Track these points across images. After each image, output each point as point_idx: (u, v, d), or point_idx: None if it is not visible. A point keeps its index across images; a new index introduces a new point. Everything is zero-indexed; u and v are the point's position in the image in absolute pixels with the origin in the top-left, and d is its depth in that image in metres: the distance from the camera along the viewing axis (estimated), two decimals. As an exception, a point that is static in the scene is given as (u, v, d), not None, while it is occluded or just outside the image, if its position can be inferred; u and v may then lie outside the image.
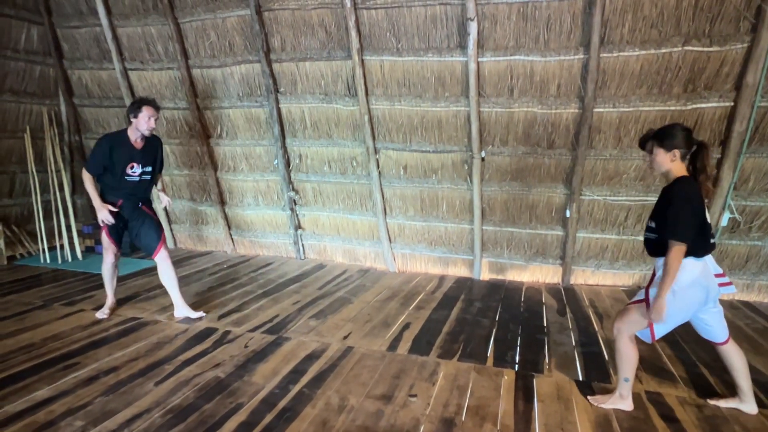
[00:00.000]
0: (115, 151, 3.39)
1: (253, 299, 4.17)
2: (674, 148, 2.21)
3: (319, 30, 4.42)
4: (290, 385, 2.72)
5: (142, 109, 3.35)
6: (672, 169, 2.26)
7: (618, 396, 2.51)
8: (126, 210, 3.55)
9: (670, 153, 2.23)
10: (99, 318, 3.66)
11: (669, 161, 2.24)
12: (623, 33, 3.70)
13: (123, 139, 3.45)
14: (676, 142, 2.21)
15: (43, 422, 2.32)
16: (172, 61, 5.03)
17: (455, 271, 5.03)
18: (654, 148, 2.28)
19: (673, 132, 2.23)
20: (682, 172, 2.26)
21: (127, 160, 3.43)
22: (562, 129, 4.16)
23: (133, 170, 3.47)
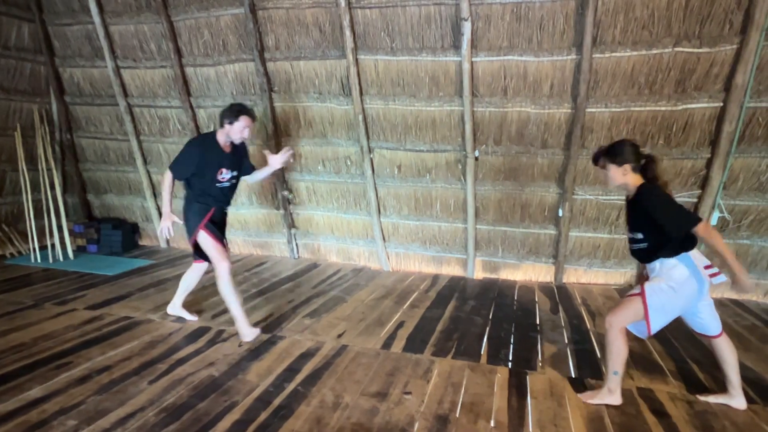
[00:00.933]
0: (205, 155, 3.21)
1: (247, 298, 4.15)
2: (625, 163, 2.36)
3: (314, 29, 4.42)
4: (285, 383, 2.72)
5: (240, 118, 3.17)
6: (628, 182, 2.40)
7: (606, 390, 2.54)
8: (216, 217, 3.39)
9: (622, 168, 2.37)
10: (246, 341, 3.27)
11: (621, 175, 2.39)
12: (615, 34, 3.74)
13: (213, 142, 3.27)
14: (626, 157, 2.36)
15: (36, 421, 2.30)
16: (165, 60, 5.00)
17: (449, 270, 5.05)
18: (606, 164, 2.42)
19: (623, 148, 2.38)
20: (639, 181, 2.38)
21: (217, 165, 3.26)
22: (554, 129, 4.19)
23: (223, 176, 3.31)
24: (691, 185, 4.08)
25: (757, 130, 3.74)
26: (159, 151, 5.57)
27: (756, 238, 4.08)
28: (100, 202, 6.20)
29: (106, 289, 4.35)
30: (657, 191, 2.32)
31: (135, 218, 6.13)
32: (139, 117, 5.46)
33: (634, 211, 2.44)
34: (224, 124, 3.21)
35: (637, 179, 2.39)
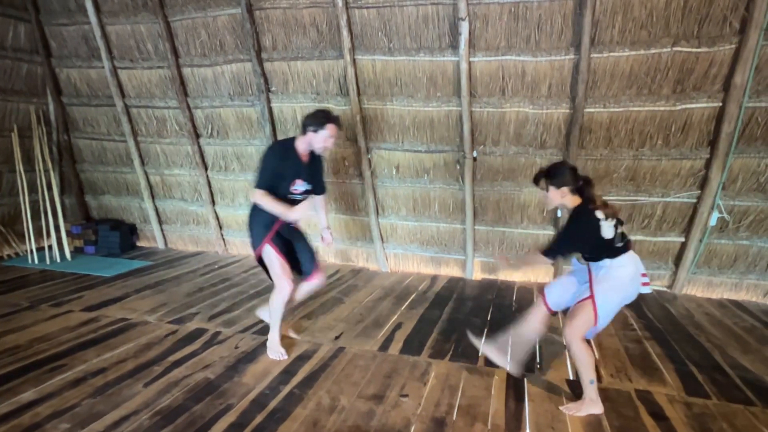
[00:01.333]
0: (282, 163, 2.89)
1: (244, 299, 4.14)
2: (563, 186, 2.45)
3: (311, 29, 4.40)
4: (281, 385, 2.70)
5: (326, 127, 2.84)
6: (566, 203, 2.50)
7: (588, 401, 2.49)
8: (284, 230, 3.06)
9: (560, 190, 2.46)
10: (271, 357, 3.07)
11: (560, 197, 2.49)
12: (613, 34, 3.72)
13: (291, 150, 2.94)
14: (565, 180, 2.45)
15: (29, 425, 2.28)
16: (162, 60, 4.98)
17: (447, 271, 5.04)
18: (547, 186, 2.51)
19: (562, 171, 2.48)
20: (577, 202, 2.48)
21: (293, 175, 2.92)
22: (553, 129, 4.18)
23: (296, 187, 2.95)
24: (690, 186, 4.06)
25: (756, 130, 3.72)
26: (156, 152, 5.55)
27: (755, 238, 4.06)
28: (98, 203, 6.18)
29: (103, 291, 4.33)
30: (581, 216, 2.44)
31: (133, 219, 6.11)
32: (137, 118, 5.44)
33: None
34: (307, 131, 2.88)
35: (575, 200, 2.47)
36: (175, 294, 4.27)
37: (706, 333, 3.54)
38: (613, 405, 2.56)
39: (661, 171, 4.08)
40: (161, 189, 5.79)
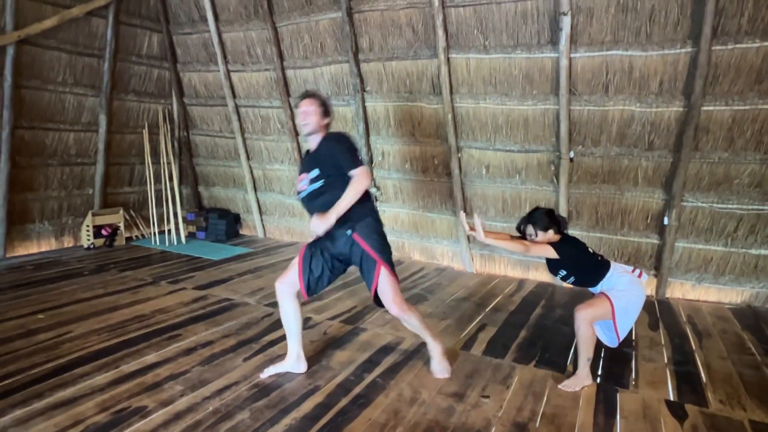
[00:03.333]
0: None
1: (332, 290, 4.34)
2: (549, 229, 2.81)
3: (407, 29, 4.49)
4: (365, 373, 2.81)
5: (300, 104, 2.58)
6: (551, 239, 2.82)
7: (583, 375, 2.72)
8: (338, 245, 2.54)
9: (546, 234, 2.81)
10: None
11: (548, 239, 2.81)
12: (741, 23, 3.33)
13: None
14: (547, 223, 2.81)
15: (150, 383, 2.62)
16: (269, 63, 5.39)
17: (536, 276, 4.85)
18: (536, 232, 2.82)
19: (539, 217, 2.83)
20: (557, 237, 2.84)
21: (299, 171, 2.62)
22: (662, 129, 3.85)
23: (302, 184, 2.57)
24: (834, 195, 3.51)
25: None
26: (260, 148, 6.02)
27: None
28: (209, 194, 6.85)
29: (211, 273, 4.80)
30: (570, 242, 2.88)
31: (237, 209, 6.69)
32: (245, 116, 5.94)
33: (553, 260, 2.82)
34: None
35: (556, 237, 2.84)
36: (271, 280, 4.58)
37: None
38: (722, 434, 2.31)
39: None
40: (263, 182, 6.26)
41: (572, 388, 2.68)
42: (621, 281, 2.74)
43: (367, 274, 2.51)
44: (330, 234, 2.43)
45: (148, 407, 2.38)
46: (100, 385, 2.58)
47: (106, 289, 4.21)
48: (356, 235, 2.44)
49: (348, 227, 2.43)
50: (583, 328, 2.67)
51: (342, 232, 2.44)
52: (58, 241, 5.63)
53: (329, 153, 2.48)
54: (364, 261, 2.49)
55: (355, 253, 2.49)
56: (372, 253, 2.45)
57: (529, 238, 2.84)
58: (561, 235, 2.86)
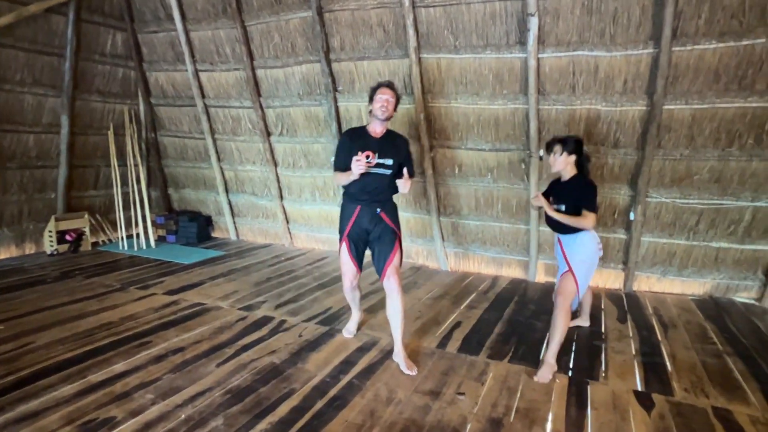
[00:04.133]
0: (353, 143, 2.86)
1: (308, 291, 4.32)
2: (573, 154, 2.93)
3: (378, 29, 4.48)
4: (341, 375, 2.80)
5: (376, 92, 2.85)
6: (567, 170, 2.98)
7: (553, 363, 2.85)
8: (364, 218, 2.92)
9: (570, 157, 2.93)
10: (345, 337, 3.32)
11: (565, 163, 2.96)
12: (699, 25, 3.46)
13: (361, 131, 2.97)
14: (575, 148, 2.93)
15: (120, 393, 2.55)
16: (238, 62, 5.30)
17: (509, 272, 4.94)
18: (558, 151, 2.94)
19: (574, 142, 2.94)
20: (574, 172, 2.98)
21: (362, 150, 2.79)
22: (627, 127, 3.96)
23: (368, 160, 2.76)
24: (786, 189, 3.69)
25: None
26: (231, 149, 5.92)
27: None
28: (179, 196, 6.70)
29: (182, 277, 4.70)
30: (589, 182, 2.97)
31: (209, 211, 6.56)
32: (215, 117, 5.83)
33: (565, 189, 3.00)
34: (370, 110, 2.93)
35: (573, 170, 2.98)
36: (245, 283, 4.54)
37: (800, 352, 3.21)
38: (686, 421, 2.40)
39: (751, 173, 3.74)
40: (234, 184, 6.16)
41: (546, 378, 2.78)
42: (590, 248, 2.95)
43: (384, 245, 2.93)
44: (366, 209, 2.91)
45: (116, 418, 2.31)
46: (66, 396, 2.49)
47: (72, 296, 4.06)
48: (383, 214, 2.93)
49: (378, 206, 2.92)
50: (561, 315, 2.86)
51: (372, 210, 2.91)
52: (18, 248, 5.40)
53: (404, 153, 2.97)
54: (384, 234, 2.94)
55: (377, 229, 2.94)
56: (393, 227, 2.98)
57: (552, 156, 2.97)
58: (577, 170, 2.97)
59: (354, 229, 2.95)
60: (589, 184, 2.96)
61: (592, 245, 2.96)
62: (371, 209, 2.90)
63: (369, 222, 2.92)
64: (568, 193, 2.98)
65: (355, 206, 2.92)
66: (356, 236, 2.97)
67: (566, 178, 3.01)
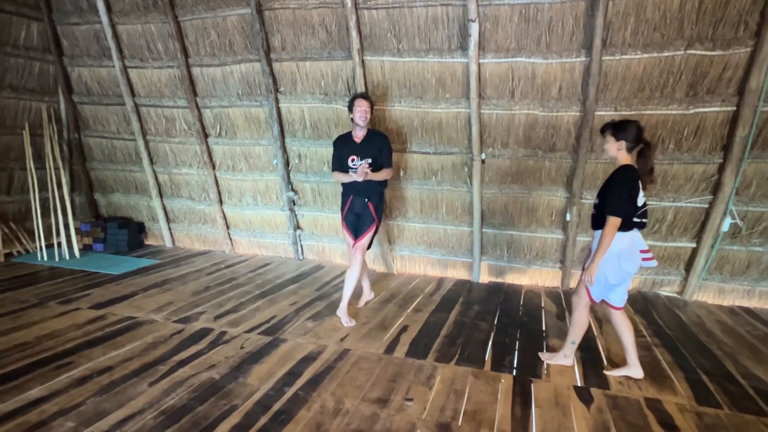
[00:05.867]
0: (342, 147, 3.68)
1: (250, 300, 4.14)
2: (622, 140, 2.63)
3: (320, 29, 4.39)
4: (285, 387, 2.69)
5: (354, 103, 3.55)
6: (618, 157, 2.68)
7: (563, 355, 3.01)
8: (356, 205, 3.72)
9: (618, 143, 2.64)
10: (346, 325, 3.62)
11: (615, 149, 2.67)
12: (626, 36, 3.67)
13: (347, 137, 3.73)
14: (626, 135, 2.62)
15: (35, 422, 2.29)
16: (172, 60, 5.00)
17: (454, 274, 5.01)
18: (608, 136, 2.69)
19: (627, 126, 2.63)
20: (627, 161, 2.66)
21: (348, 154, 3.65)
22: (563, 132, 4.13)
23: (354, 163, 3.61)
24: (703, 190, 3.99)
25: (771, 135, 3.66)
26: (165, 151, 5.58)
27: (769, 245, 3.99)
28: (107, 201, 6.23)
29: (111, 289, 4.35)
30: (628, 176, 2.60)
31: (141, 217, 6.15)
32: (146, 117, 5.47)
33: (607, 180, 2.74)
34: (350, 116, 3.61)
35: (626, 158, 2.66)
36: (181, 293, 4.28)
37: (717, 341, 3.48)
38: (622, 413, 2.51)
39: (672, 175, 4.02)
40: (169, 188, 5.82)
41: (549, 361, 3.02)
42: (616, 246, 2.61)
43: (362, 226, 3.71)
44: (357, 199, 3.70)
45: (30, 451, 2.07)
46: (-32, 431, 2.21)
47: (-21, 315, 3.64)
48: (369, 204, 3.70)
49: (365, 197, 3.68)
50: (576, 313, 2.89)
51: (361, 200, 3.69)
52: None
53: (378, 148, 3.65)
54: (365, 219, 3.70)
55: (363, 214, 3.71)
56: (374, 215, 3.72)
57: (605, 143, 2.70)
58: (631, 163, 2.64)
59: (348, 213, 3.76)
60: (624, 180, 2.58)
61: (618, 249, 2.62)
62: (360, 199, 3.69)
63: (359, 208, 3.72)
64: (605, 185, 2.73)
65: (348, 197, 3.75)
66: (350, 217, 3.77)
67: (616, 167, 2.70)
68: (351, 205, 3.73)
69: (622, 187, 2.58)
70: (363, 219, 3.71)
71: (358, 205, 3.70)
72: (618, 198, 2.57)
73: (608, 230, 2.57)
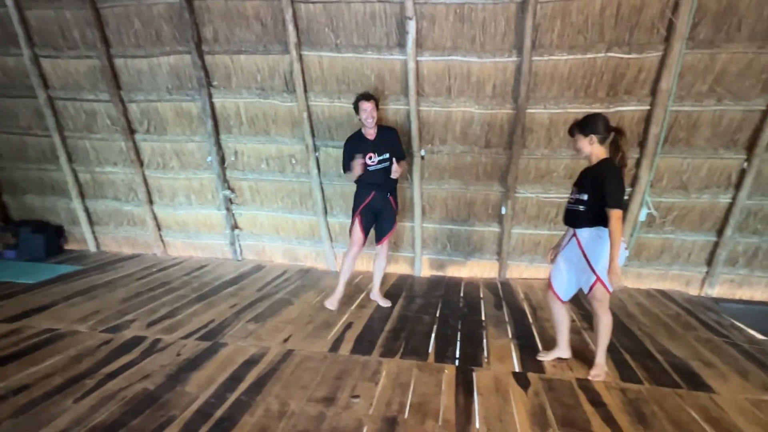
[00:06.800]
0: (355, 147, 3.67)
1: (186, 304, 3.95)
2: (591, 134, 2.63)
3: (255, 22, 4.24)
4: (227, 393, 2.60)
5: (359, 105, 3.62)
6: (594, 152, 2.67)
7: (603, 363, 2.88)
8: (377, 202, 3.77)
9: (588, 137, 2.64)
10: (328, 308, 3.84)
11: (588, 145, 2.66)
12: (553, 38, 3.87)
13: (358, 136, 3.76)
14: (594, 127, 2.63)
15: (-63, 453, 2.05)
16: (90, 49, 4.62)
17: (396, 269, 5.06)
18: (576, 135, 2.70)
19: (591, 120, 2.65)
20: (604, 154, 2.66)
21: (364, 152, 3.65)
22: (497, 129, 4.29)
23: (372, 160, 3.67)
24: (622, 183, 4.31)
25: (679, 132, 4.01)
26: (86, 148, 5.17)
27: (679, 232, 4.39)
28: (19, 204, 5.67)
29: (26, 299, 3.98)
30: (614, 169, 2.60)
31: (60, 221, 5.66)
32: (62, 111, 5.03)
33: (589, 176, 2.71)
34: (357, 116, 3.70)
35: (602, 152, 2.66)
36: (109, 300, 4.00)
37: (637, 322, 3.78)
38: (556, 395, 2.67)
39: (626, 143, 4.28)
40: (92, 188, 5.40)
41: (600, 377, 2.83)
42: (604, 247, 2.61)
43: (388, 222, 3.88)
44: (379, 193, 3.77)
45: (-67, 486, 1.85)
46: None
47: None
48: (391, 198, 3.85)
49: (387, 192, 3.81)
50: (604, 320, 2.77)
51: (383, 195, 3.79)
52: None
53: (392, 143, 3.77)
54: (389, 214, 3.86)
55: (385, 209, 3.84)
56: (395, 209, 3.92)
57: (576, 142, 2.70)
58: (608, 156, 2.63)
59: (366, 208, 3.78)
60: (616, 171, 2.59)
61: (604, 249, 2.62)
62: (382, 194, 3.78)
63: (380, 204, 3.79)
64: (590, 179, 2.68)
65: (370, 192, 3.76)
66: (368, 214, 3.80)
67: (593, 163, 2.70)
68: (372, 201, 3.75)
69: (619, 180, 2.57)
70: (385, 215, 3.84)
71: (380, 199, 3.77)
72: (618, 190, 2.55)
73: (616, 224, 2.51)
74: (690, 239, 4.42)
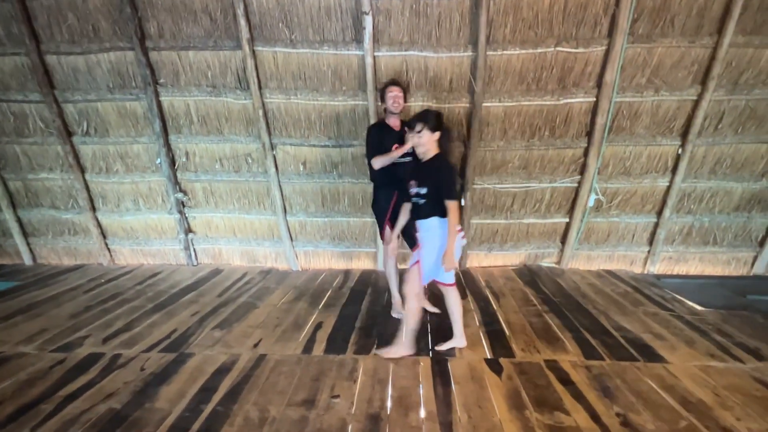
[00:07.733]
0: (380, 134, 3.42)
1: (143, 315, 3.74)
2: (436, 131, 2.83)
3: (203, 16, 4.06)
4: (201, 405, 2.50)
5: (385, 91, 3.43)
6: (431, 148, 2.86)
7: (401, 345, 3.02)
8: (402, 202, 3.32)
9: (434, 134, 2.83)
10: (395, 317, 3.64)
11: (434, 141, 2.85)
12: (506, 33, 3.99)
13: (383, 125, 3.52)
14: (438, 125, 2.83)
15: None
16: (18, 45, 4.24)
17: (359, 265, 5.06)
18: (424, 131, 2.81)
19: (436, 117, 2.84)
20: (437, 150, 2.88)
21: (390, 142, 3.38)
22: (456, 122, 4.37)
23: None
24: (572, 172, 4.54)
25: (622, 122, 4.27)
26: (16, 154, 4.75)
27: (623, 215, 4.69)
28: (-62, 217, 5.13)
29: (-43, 322, 3.62)
30: (449, 163, 2.88)
31: (-12, 233, 5.18)
32: (-14, 113, 4.59)
33: (427, 171, 2.87)
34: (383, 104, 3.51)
35: (435, 147, 2.87)
36: (55, 317, 3.72)
37: (591, 301, 4.01)
38: (528, 377, 2.78)
39: (548, 159, 4.50)
40: (24, 196, 4.97)
41: (390, 355, 2.97)
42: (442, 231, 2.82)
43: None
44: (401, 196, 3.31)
45: None
46: None
47: None
48: None
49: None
50: (410, 303, 2.97)
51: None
52: None
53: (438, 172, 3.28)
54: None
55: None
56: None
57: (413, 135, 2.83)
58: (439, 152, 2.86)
59: (394, 212, 3.44)
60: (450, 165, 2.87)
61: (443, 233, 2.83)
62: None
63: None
64: (429, 174, 2.86)
65: (392, 192, 3.48)
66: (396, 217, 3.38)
67: (428, 158, 2.89)
68: (397, 203, 3.42)
69: (455, 174, 2.85)
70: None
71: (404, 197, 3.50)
72: (454, 183, 2.81)
73: (455, 214, 2.74)
74: (633, 221, 4.73)
